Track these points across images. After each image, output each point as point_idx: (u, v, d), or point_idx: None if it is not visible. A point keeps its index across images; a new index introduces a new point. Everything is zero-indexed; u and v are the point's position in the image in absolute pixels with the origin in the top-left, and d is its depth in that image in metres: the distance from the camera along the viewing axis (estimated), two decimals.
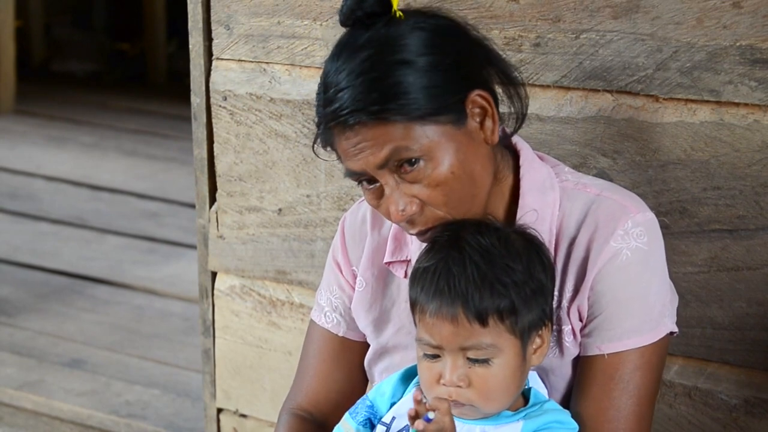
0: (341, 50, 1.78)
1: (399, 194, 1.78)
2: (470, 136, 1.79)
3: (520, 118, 1.91)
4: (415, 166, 1.75)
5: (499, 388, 1.72)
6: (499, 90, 1.86)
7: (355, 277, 2.02)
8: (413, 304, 1.76)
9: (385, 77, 1.73)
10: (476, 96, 1.78)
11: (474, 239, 1.74)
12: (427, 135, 1.75)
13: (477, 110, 1.79)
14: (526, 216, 1.84)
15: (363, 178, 1.80)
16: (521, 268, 1.73)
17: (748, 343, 2.09)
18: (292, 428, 2.01)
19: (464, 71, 1.79)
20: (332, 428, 1.91)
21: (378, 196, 1.81)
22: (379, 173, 1.77)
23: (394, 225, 1.96)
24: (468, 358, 1.71)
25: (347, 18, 1.79)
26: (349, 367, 2.04)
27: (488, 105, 1.79)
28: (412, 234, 1.83)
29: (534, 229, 1.81)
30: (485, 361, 1.71)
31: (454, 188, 1.77)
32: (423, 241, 1.84)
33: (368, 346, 2.02)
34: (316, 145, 1.85)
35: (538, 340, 1.76)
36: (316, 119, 1.83)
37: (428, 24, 1.79)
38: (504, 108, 1.89)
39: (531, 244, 1.78)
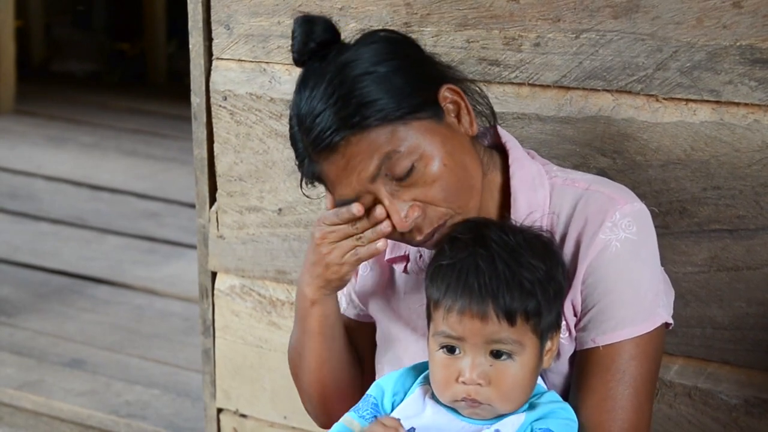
0: (305, 82, 1.83)
1: (398, 202, 1.79)
2: (452, 129, 1.82)
3: (491, 112, 1.94)
4: (411, 173, 1.77)
5: (517, 386, 1.72)
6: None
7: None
8: (435, 301, 1.75)
9: (354, 90, 1.77)
10: (446, 91, 1.83)
11: (499, 237, 1.74)
12: (412, 134, 1.77)
13: (450, 106, 1.83)
14: (522, 217, 1.84)
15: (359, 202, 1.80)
16: (545, 268, 1.73)
17: (748, 343, 2.09)
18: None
19: (426, 70, 1.84)
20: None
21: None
22: (373, 187, 1.78)
23: None
24: (491, 353, 1.70)
25: (301, 54, 1.84)
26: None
27: (460, 98, 1.84)
28: (419, 241, 1.82)
29: (549, 231, 1.82)
30: (509, 356, 1.71)
31: (450, 181, 1.79)
32: (430, 247, 1.84)
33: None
34: (304, 183, 1.87)
35: (549, 344, 1.77)
36: (296, 160, 1.85)
37: (378, 37, 1.84)
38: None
39: (549, 247, 1.78)
